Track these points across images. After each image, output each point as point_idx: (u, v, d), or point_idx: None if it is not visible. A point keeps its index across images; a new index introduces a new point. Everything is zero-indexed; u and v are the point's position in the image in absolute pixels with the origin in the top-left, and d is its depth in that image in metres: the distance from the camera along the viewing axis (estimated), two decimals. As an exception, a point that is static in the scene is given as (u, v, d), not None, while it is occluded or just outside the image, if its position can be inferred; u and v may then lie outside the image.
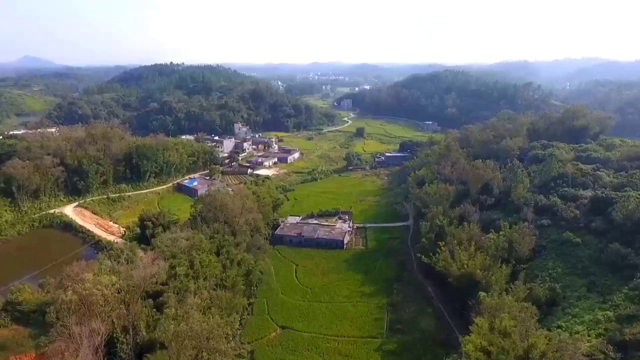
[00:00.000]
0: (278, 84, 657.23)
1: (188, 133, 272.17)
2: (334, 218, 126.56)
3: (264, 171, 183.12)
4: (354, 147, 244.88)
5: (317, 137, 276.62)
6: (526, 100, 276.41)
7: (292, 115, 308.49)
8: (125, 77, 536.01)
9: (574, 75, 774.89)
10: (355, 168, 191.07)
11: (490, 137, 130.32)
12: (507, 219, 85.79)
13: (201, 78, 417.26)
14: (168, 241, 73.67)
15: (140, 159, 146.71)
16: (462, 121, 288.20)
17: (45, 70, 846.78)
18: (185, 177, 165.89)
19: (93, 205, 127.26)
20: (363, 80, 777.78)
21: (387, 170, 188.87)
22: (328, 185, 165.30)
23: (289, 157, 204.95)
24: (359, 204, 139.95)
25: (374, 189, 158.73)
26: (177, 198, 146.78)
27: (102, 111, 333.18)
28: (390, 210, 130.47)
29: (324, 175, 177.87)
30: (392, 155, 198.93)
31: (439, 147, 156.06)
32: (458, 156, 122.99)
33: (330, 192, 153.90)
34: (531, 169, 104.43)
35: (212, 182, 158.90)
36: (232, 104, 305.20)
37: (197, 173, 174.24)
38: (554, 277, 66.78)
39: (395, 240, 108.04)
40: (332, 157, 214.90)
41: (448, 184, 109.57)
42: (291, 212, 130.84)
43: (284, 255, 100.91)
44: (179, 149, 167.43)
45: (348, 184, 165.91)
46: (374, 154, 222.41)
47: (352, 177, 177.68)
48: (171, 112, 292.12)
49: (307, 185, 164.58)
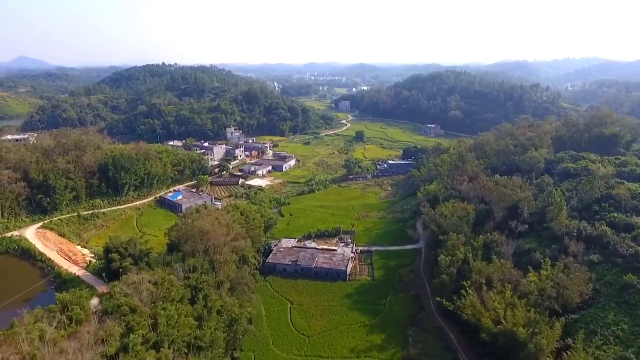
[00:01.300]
0: (274, 84, 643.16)
1: (178, 137, 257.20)
2: (335, 239, 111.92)
3: (257, 181, 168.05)
4: (353, 152, 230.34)
5: (314, 141, 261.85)
6: (534, 102, 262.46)
7: (287, 118, 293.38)
8: (115, 78, 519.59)
9: (574, 75, 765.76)
10: (355, 177, 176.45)
11: (510, 147, 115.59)
12: (545, 250, 71.23)
13: (193, 79, 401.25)
14: (129, 287, 58.50)
15: (118, 170, 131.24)
16: (467, 124, 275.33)
17: (37, 70, 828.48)
18: (169, 190, 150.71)
19: (60, 226, 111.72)
20: (360, 81, 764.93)
21: (390, 179, 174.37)
22: (327, 197, 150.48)
23: (284, 165, 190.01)
24: (361, 220, 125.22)
25: (377, 202, 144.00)
26: (159, 214, 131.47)
27: (88, 114, 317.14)
28: (397, 230, 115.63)
29: (322, 185, 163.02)
30: (396, 163, 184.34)
31: (449, 155, 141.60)
32: (475, 169, 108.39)
33: (329, 206, 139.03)
34: (564, 186, 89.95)
35: (199, 195, 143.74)
36: (225, 107, 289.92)
37: (183, 184, 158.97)
38: (620, 338, 52.29)
39: (406, 269, 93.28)
40: (331, 164, 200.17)
41: (466, 202, 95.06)
42: (286, 231, 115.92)
43: (276, 289, 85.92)
44: (162, 158, 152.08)
45: (348, 196, 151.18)
46: (375, 160, 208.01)
47: (352, 187, 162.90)
48: (160, 115, 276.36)
49: (303, 198, 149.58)
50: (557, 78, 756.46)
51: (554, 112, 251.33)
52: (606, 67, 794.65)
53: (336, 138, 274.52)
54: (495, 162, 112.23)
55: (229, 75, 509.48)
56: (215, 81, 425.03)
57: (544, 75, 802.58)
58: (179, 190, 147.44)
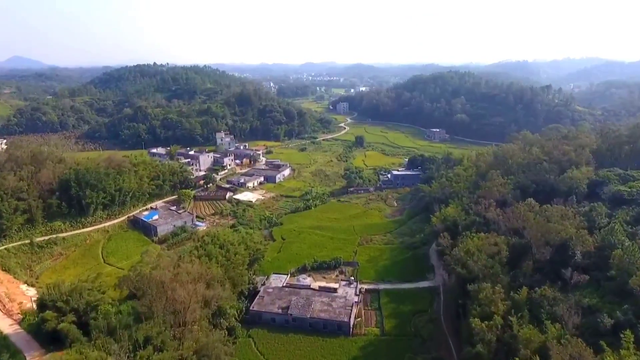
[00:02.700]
0: (270, 85, 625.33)
1: (164, 143, 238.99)
2: (334, 273, 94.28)
3: (247, 195, 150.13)
4: (353, 160, 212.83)
5: (311, 147, 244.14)
6: (546, 105, 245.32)
7: (283, 121, 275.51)
8: (105, 78, 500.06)
9: (577, 76, 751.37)
10: (356, 189, 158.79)
11: (542, 163, 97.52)
12: (614, 312, 53.67)
13: (184, 80, 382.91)
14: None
15: (82, 188, 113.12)
16: (474, 129, 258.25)
17: (29, 70, 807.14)
18: (146, 207, 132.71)
19: (6, 258, 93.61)
20: (358, 81, 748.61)
21: (395, 192, 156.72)
22: (325, 215, 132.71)
23: (278, 176, 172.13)
24: (365, 247, 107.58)
25: (382, 222, 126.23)
26: (130, 238, 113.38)
27: (71, 117, 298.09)
28: (408, 260, 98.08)
29: (320, 200, 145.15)
30: (401, 173, 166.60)
31: (464, 169, 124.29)
32: (501, 189, 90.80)
33: (327, 226, 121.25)
34: (619, 216, 72.44)
35: (178, 214, 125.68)
36: (216, 110, 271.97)
37: (162, 200, 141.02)
38: None
39: (423, 317, 75.71)
40: (329, 174, 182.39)
41: (494, 233, 77.56)
42: (276, 262, 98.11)
43: (262, 349, 67.91)
44: (138, 171, 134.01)
45: (349, 214, 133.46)
46: (377, 169, 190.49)
47: (353, 203, 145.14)
48: (146, 119, 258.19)
49: (298, 216, 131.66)
50: (559, 78, 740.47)
51: (568, 116, 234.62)
52: (609, 68, 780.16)
53: (334, 143, 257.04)
54: (524, 181, 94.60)
55: (223, 76, 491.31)
56: (208, 82, 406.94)
57: (545, 76, 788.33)
58: (155, 208, 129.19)
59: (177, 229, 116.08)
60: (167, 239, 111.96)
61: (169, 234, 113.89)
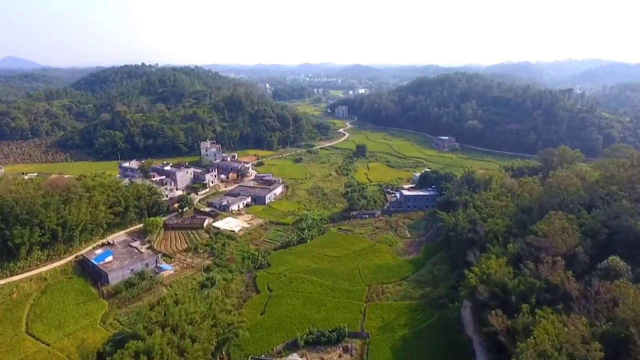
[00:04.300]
0: (266, 86, 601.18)
1: (143, 153, 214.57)
2: (336, 350, 69.15)
3: (229, 222, 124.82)
4: (354, 173, 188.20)
5: (307, 157, 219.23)
6: (568, 111, 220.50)
7: (276, 128, 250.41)
8: (91, 80, 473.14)
9: (581, 78, 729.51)
10: (360, 214, 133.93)
11: (621, 200, 71.60)
12: None
13: (172, 82, 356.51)
14: None
15: (9, 224, 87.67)
16: (487, 137, 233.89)
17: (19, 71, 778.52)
18: (105, 240, 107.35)
19: None
20: (357, 83, 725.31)
21: (406, 216, 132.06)
22: (323, 251, 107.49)
23: (268, 195, 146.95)
24: (376, 303, 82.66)
25: (395, 263, 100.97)
26: (72, 290, 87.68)
27: (44, 123, 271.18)
28: (434, 329, 73.15)
29: (317, 230, 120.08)
30: (412, 194, 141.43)
31: (496, 195, 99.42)
32: (568, 240, 65.64)
33: (326, 270, 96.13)
34: None
35: (139, 252, 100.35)
36: (203, 115, 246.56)
37: (126, 230, 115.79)
38: None
39: None
40: (327, 193, 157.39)
41: (573, 314, 52.83)
42: (258, 331, 72.87)
43: None
44: (93, 196, 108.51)
45: (353, 249, 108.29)
46: (383, 185, 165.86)
47: (357, 232, 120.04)
48: (124, 125, 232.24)
49: (290, 253, 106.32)
50: (563, 80, 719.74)
51: (594, 123, 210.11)
52: (615, 69, 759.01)
53: (333, 152, 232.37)
54: (593, 224, 69.70)
55: (216, 77, 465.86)
56: (198, 84, 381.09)
57: (548, 77, 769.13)
58: (112, 244, 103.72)
59: (135, 276, 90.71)
60: (120, 291, 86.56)
61: (123, 284, 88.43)
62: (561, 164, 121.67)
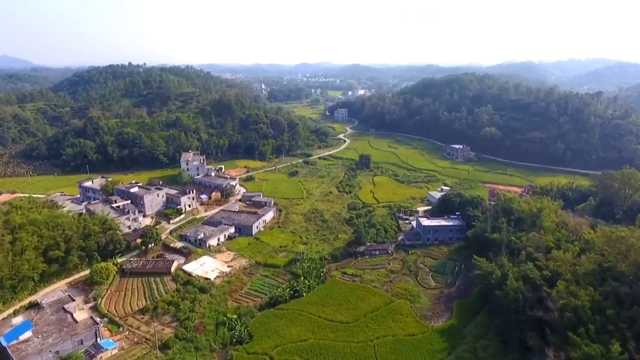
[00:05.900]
0: (262, 87, 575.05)
1: (118, 166, 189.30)
2: None
3: (205, 265, 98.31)
4: (358, 190, 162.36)
5: (304, 169, 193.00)
6: (599, 118, 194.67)
7: (270, 135, 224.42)
8: (74, 80, 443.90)
9: (587, 78, 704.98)
10: (369, 249, 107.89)
11: None
12: None
13: (157, 83, 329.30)
14: None
15: None
16: (506, 146, 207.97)
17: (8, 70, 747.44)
18: (35, 296, 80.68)
19: None
20: (356, 83, 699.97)
21: (426, 253, 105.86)
22: (323, 311, 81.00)
23: (256, 223, 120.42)
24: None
25: (421, 334, 74.36)
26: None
27: (11, 129, 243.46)
28: None
29: (315, 278, 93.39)
30: (433, 225, 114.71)
31: (555, 239, 73.47)
32: None
33: (327, 348, 69.88)
34: None
35: (75, 321, 73.58)
36: (187, 121, 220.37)
37: (68, 280, 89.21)
38: None
39: None
40: (328, 218, 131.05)
41: None
42: None
43: None
44: (19, 238, 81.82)
45: (363, 310, 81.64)
46: (393, 207, 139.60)
47: (366, 278, 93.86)
48: (97, 133, 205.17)
49: (280, 317, 79.76)
50: (569, 80, 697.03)
51: (631, 132, 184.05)
52: (622, 69, 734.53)
53: (333, 163, 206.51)
54: None
55: (207, 78, 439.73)
56: (187, 85, 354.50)
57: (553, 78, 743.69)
58: (38, 308, 76.76)
59: (58, 363, 64.01)
60: (34, 390, 59.91)
61: (40, 377, 61.79)
62: (624, 189, 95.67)
